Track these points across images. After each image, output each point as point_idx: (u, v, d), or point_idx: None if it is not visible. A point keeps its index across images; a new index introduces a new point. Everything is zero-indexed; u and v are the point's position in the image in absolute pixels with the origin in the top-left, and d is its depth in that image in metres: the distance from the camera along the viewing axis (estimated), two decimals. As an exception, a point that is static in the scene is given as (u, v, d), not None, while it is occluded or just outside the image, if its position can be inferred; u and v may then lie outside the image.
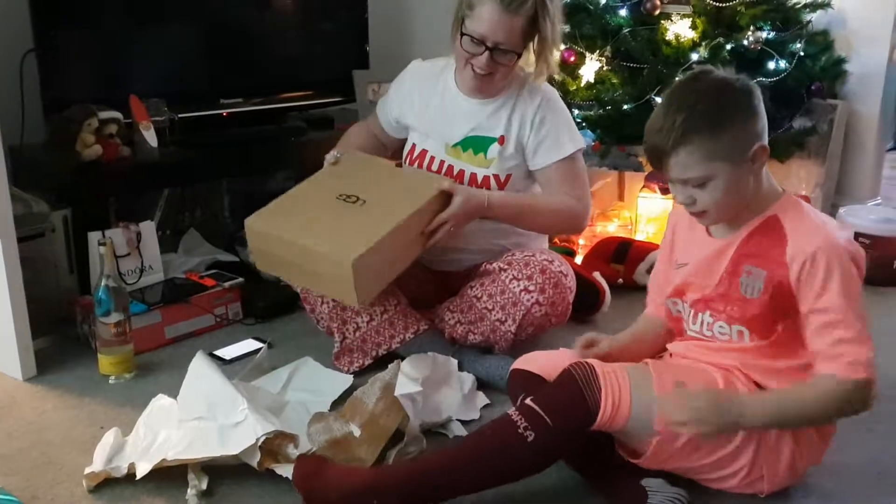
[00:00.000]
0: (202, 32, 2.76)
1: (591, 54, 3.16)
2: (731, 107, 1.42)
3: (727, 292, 1.50)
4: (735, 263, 1.49)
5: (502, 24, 1.89)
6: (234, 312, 2.41)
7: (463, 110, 2.08)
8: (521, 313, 1.97)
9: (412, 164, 2.14)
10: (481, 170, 2.07)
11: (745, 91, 1.45)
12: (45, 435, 1.81)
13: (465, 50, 1.95)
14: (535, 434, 1.43)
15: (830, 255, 1.40)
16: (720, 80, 1.45)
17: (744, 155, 1.43)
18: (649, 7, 3.04)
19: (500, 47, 1.92)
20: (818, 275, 1.40)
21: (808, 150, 3.21)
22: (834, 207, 3.20)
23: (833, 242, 1.42)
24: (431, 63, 2.18)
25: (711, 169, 1.42)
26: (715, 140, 1.40)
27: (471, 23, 1.92)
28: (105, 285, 2.01)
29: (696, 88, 1.44)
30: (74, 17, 2.43)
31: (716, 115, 1.41)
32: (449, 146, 2.09)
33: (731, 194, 1.45)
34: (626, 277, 2.68)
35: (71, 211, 2.31)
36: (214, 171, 2.73)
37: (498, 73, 1.98)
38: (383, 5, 3.22)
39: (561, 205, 2.05)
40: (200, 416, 1.63)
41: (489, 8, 1.89)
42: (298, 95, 3.02)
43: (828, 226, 1.46)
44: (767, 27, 3.04)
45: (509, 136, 2.05)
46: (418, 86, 2.15)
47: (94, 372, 2.07)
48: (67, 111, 2.33)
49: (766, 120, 1.47)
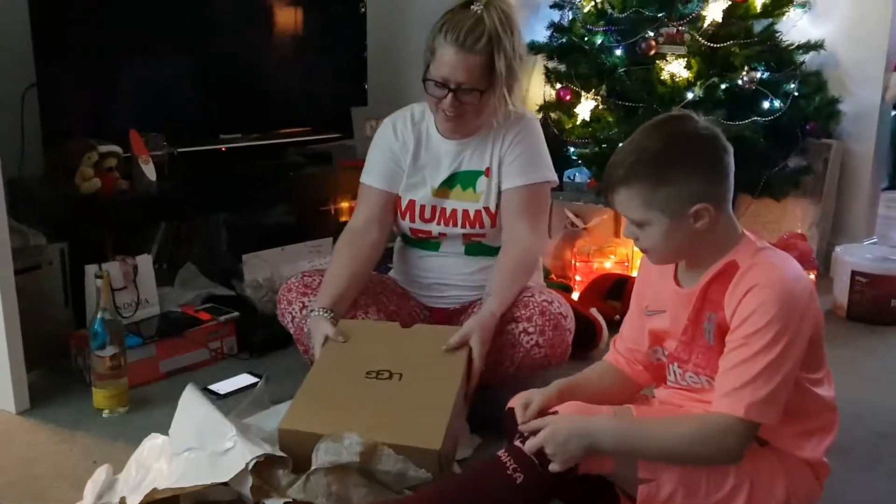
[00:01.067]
0: (202, 68, 2.79)
1: (587, 93, 3.20)
2: (681, 162, 1.39)
3: (691, 341, 1.49)
4: (697, 311, 1.47)
5: (460, 64, 1.90)
6: (230, 347, 2.40)
7: (445, 151, 2.09)
8: (520, 355, 1.95)
9: (403, 218, 2.12)
10: (472, 205, 2.07)
11: (708, 149, 1.41)
12: (37, 469, 1.79)
13: (430, 94, 1.97)
14: (523, 476, 1.40)
15: (769, 291, 1.36)
16: (685, 132, 1.42)
17: (682, 211, 1.40)
18: (644, 48, 3.08)
19: (463, 87, 1.93)
20: (748, 308, 1.37)
21: (804, 189, 3.23)
22: (830, 246, 3.21)
23: (778, 280, 1.38)
24: (404, 113, 2.15)
25: (648, 216, 1.42)
26: (652, 190, 1.39)
27: (433, 67, 1.94)
28: (101, 318, 2.01)
29: (659, 133, 1.43)
30: (76, 52, 2.45)
31: (662, 166, 1.39)
32: (434, 188, 2.09)
33: (669, 243, 1.44)
34: (623, 313, 2.65)
35: (68, 244, 2.31)
36: (212, 206, 2.74)
37: (468, 113, 1.98)
38: (382, 43, 3.26)
39: (527, 255, 2.03)
40: (190, 446, 1.62)
41: (447, 50, 1.90)
42: (297, 131, 3.04)
43: (781, 266, 1.42)
44: (762, 67, 3.08)
45: (493, 165, 2.06)
46: (405, 133, 2.12)
47: (87, 406, 2.06)
48: (67, 144, 2.34)
49: (728, 181, 1.42)
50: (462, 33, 1.88)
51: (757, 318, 1.36)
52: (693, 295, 1.48)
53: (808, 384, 1.45)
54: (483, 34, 1.89)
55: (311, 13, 3.02)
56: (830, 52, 3.21)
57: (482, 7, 1.91)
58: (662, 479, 1.41)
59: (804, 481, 1.49)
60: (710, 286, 1.46)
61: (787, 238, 2.93)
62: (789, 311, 1.36)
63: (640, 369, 1.65)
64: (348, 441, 1.60)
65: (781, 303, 1.36)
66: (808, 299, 1.40)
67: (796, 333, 1.37)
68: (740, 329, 1.38)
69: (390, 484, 1.60)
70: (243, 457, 1.55)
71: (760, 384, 1.35)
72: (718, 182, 1.42)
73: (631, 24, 3.13)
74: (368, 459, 1.59)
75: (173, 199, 2.57)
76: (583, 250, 3.00)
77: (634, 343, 1.64)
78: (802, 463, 1.47)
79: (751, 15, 3.12)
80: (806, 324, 1.39)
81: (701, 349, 1.48)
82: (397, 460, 1.60)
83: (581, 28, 3.26)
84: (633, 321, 1.66)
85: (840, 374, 1.57)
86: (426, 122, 2.11)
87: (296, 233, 2.83)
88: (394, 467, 1.59)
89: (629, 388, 1.66)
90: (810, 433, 1.47)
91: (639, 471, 1.41)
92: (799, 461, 1.47)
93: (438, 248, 2.12)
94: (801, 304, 1.39)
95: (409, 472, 1.59)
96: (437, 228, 2.09)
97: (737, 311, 1.39)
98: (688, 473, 1.41)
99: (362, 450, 1.59)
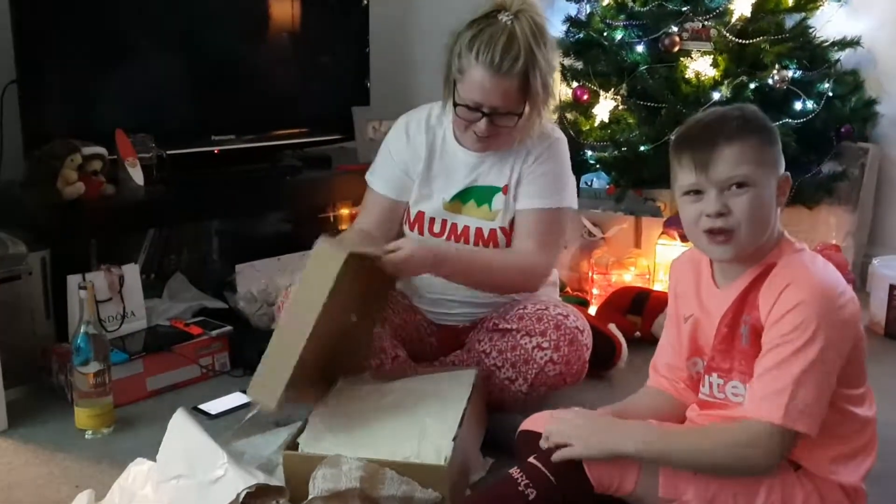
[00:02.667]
0: (193, 64, 2.80)
1: (606, 93, 3.20)
2: (774, 130, 1.49)
3: (730, 347, 1.50)
4: (734, 314, 1.49)
5: (496, 88, 1.88)
6: (221, 363, 2.41)
7: (461, 161, 2.08)
8: (534, 372, 1.96)
9: (412, 229, 2.13)
10: (487, 223, 2.07)
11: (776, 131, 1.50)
12: (15, 493, 1.79)
13: (461, 118, 1.96)
14: (536, 492, 1.43)
15: (806, 289, 1.39)
16: (759, 113, 1.50)
17: (779, 176, 1.47)
18: (668, 44, 3.08)
19: (499, 111, 1.92)
20: (785, 306, 1.39)
21: (839, 197, 3.23)
22: (867, 258, 3.21)
23: (818, 280, 1.41)
24: (420, 115, 2.14)
25: (757, 174, 1.43)
26: (767, 147, 1.45)
27: (463, 89, 1.91)
28: (84, 332, 2.02)
29: (739, 110, 1.50)
30: (59, 47, 2.47)
31: (767, 127, 1.47)
32: (446, 201, 2.10)
33: (761, 214, 1.45)
34: (644, 330, 2.69)
35: (49, 252, 2.32)
36: (203, 212, 2.75)
37: (503, 135, 1.98)
38: (385, 39, 3.27)
39: (520, 261, 2.03)
40: (179, 474, 1.62)
41: (480, 73, 1.87)
42: (294, 132, 3.05)
43: (820, 267, 1.45)
44: (793, 66, 3.08)
45: (511, 183, 2.06)
46: (418, 140, 2.12)
47: (70, 425, 2.07)
48: (49, 146, 2.35)
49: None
50: (497, 54, 1.85)
51: (794, 316, 1.38)
52: (731, 296, 1.50)
53: (846, 402, 1.46)
54: (519, 54, 1.86)
55: (310, 6, 3.03)
56: (868, 50, 3.22)
57: (512, 17, 1.88)
58: (686, 500, 1.42)
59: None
60: (750, 288, 1.48)
61: (820, 249, 2.92)
62: (828, 311, 1.38)
63: (683, 387, 1.66)
64: (347, 466, 1.61)
65: (819, 302, 1.38)
66: (848, 303, 1.42)
67: (836, 337, 1.39)
68: (776, 328, 1.39)
69: None
70: (234, 486, 1.55)
71: (799, 388, 1.36)
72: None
73: (653, 18, 3.14)
74: (370, 485, 1.60)
75: (162, 205, 2.58)
76: (601, 262, 3.00)
77: (674, 359, 1.65)
78: (838, 488, 1.48)
79: (782, 9, 3.12)
80: (847, 330, 1.41)
81: (741, 354, 1.48)
82: (402, 482, 1.61)
83: (600, 23, 3.27)
84: (671, 333, 1.68)
85: (877, 395, 1.58)
86: (443, 127, 2.10)
87: (292, 241, 2.83)
88: (398, 490, 1.60)
89: (678, 410, 1.66)
90: (848, 456, 1.48)
91: (660, 490, 1.42)
92: (834, 486, 1.47)
93: None
94: (841, 305, 1.41)
95: (415, 494, 1.60)
96: (447, 244, 2.09)
97: (772, 310, 1.41)
98: (712, 493, 1.43)
99: (363, 474, 1.60)
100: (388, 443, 1.71)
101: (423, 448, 1.68)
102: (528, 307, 2.02)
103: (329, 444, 1.71)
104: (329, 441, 1.73)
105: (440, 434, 1.71)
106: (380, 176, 2.15)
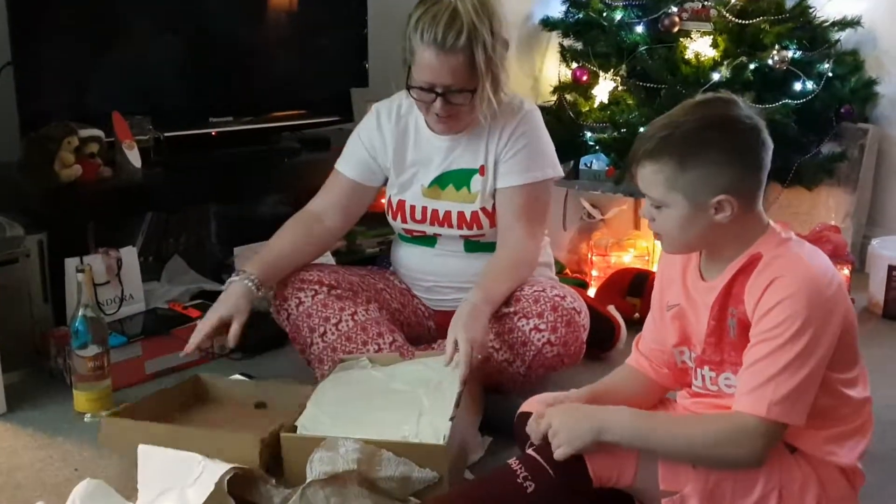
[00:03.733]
0: (190, 46, 2.78)
1: (605, 73, 3.19)
2: (715, 147, 1.41)
3: (720, 340, 1.50)
4: (721, 307, 1.48)
5: (443, 66, 1.88)
6: (221, 346, 2.41)
7: (435, 147, 2.08)
8: (532, 354, 1.96)
9: (395, 219, 2.13)
10: (467, 206, 2.06)
11: (746, 139, 1.43)
12: (15, 476, 1.80)
13: (418, 100, 1.96)
14: (535, 485, 1.42)
15: (792, 283, 1.37)
16: (726, 117, 1.43)
17: (705, 200, 1.41)
18: (667, 24, 3.07)
19: (451, 89, 1.92)
20: (770, 301, 1.38)
21: (838, 178, 3.22)
22: (866, 239, 3.20)
23: (803, 272, 1.39)
24: (391, 105, 2.14)
25: (669, 197, 1.43)
26: (678, 170, 1.41)
27: (416, 71, 1.92)
28: (82, 315, 2.01)
29: (699, 112, 1.44)
30: (55, 27, 2.45)
31: (694, 146, 1.40)
32: (425, 188, 2.09)
33: (685, 232, 1.46)
34: (643, 311, 2.66)
35: (47, 235, 2.32)
36: (202, 195, 2.74)
37: (462, 112, 1.97)
38: (384, 20, 3.25)
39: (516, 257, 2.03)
40: (164, 488, 1.63)
41: (426, 53, 1.88)
42: (292, 114, 3.03)
43: (806, 257, 1.43)
44: (793, 46, 3.06)
45: (488, 163, 2.05)
46: (387, 129, 2.12)
47: (68, 409, 2.07)
48: (45, 128, 2.34)
49: (760, 177, 1.44)
50: (439, 32, 1.85)
51: (779, 311, 1.37)
52: (716, 289, 1.49)
53: (840, 385, 1.46)
54: (462, 29, 1.85)
55: (308, -14, 3.02)
56: (868, 30, 3.20)
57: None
58: (686, 492, 1.42)
59: (837, 490, 1.49)
60: (734, 280, 1.46)
61: (819, 230, 2.92)
62: (815, 304, 1.37)
63: (665, 372, 1.65)
64: (344, 449, 1.61)
65: (806, 295, 1.37)
66: (835, 292, 1.41)
67: (823, 328, 1.38)
68: (762, 323, 1.39)
69: (394, 491, 1.61)
70: (212, 478, 1.56)
71: (783, 381, 1.36)
72: (750, 176, 1.43)
73: (653, -2, 3.12)
74: (368, 466, 1.60)
75: (160, 188, 2.57)
76: (600, 243, 3.00)
77: (658, 343, 1.65)
78: (835, 470, 1.48)
79: (782, -11, 3.11)
80: (834, 319, 1.40)
81: (730, 347, 1.48)
82: (399, 463, 1.61)
83: (599, 3, 3.24)
84: (656, 318, 1.67)
85: (875, 376, 1.57)
86: (414, 116, 2.09)
87: (291, 224, 2.83)
88: (396, 471, 1.61)
89: (655, 392, 1.67)
90: (843, 437, 1.48)
91: (660, 482, 1.42)
92: (832, 468, 1.47)
93: (435, 245, 2.13)
94: (828, 296, 1.40)
95: (413, 475, 1.61)
96: (432, 229, 2.09)
97: (758, 305, 1.40)
98: (712, 484, 1.42)
99: (360, 456, 1.60)
100: (387, 424, 1.71)
101: (421, 428, 1.68)
102: (524, 289, 2.02)
103: (327, 428, 1.71)
104: (327, 424, 1.73)
105: (438, 414, 1.71)
106: (346, 159, 2.16)
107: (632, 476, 1.44)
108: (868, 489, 1.57)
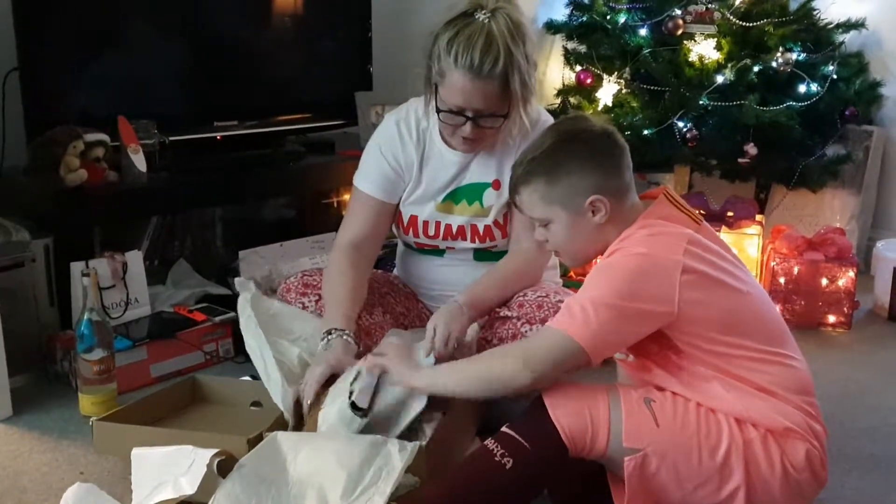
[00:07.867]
0: (195, 50, 2.78)
1: (609, 76, 3.19)
2: (573, 157, 1.56)
3: None
4: None
5: (477, 91, 1.83)
6: (225, 349, 2.41)
7: (449, 161, 2.04)
8: None
9: (406, 233, 2.09)
10: (480, 220, 2.04)
11: (599, 145, 1.57)
12: (21, 480, 1.80)
13: (446, 123, 1.92)
14: (513, 461, 1.44)
15: (613, 260, 1.50)
16: (577, 129, 1.59)
17: (579, 204, 1.54)
18: (671, 27, 3.06)
19: (483, 114, 1.88)
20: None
21: (843, 180, 3.22)
22: (871, 241, 3.20)
23: (626, 255, 1.49)
24: (408, 116, 2.07)
25: (548, 212, 1.57)
26: (549, 185, 1.56)
27: (445, 93, 1.87)
28: (88, 319, 2.01)
29: (553, 132, 1.62)
30: (61, 33, 2.45)
31: (556, 161, 1.56)
32: (438, 203, 2.07)
33: (574, 240, 1.59)
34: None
35: (53, 239, 2.32)
36: (206, 198, 2.74)
37: (488, 135, 1.94)
38: (387, 23, 3.25)
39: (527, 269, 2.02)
40: (158, 482, 1.62)
41: (460, 77, 1.82)
42: (297, 118, 3.04)
43: (637, 242, 1.50)
44: (798, 48, 3.06)
45: (503, 177, 2.01)
46: (409, 144, 2.05)
47: (74, 413, 2.07)
48: (51, 133, 2.34)
49: (623, 175, 1.57)
50: (476, 57, 1.79)
51: (595, 268, 1.54)
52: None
53: (725, 347, 1.48)
54: (499, 55, 1.80)
55: (312, -10, 3.02)
56: (872, 32, 3.20)
57: (489, 16, 1.82)
58: (649, 450, 1.44)
59: (796, 454, 1.47)
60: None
61: (824, 232, 2.90)
62: (632, 273, 1.47)
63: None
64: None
65: (623, 262, 1.48)
66: (663, 268, 1.46)
67: (637, 291, 1.45)
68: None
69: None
70: (203, 462, 1.58)
71: (588, 310, 1.45)
72: (613, 176, 1.57)
73: (657, 1, 3.12)
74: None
75: (165, 192, 2.57)
76: (604, 246, 2.99)
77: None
78: (788, 431, 1.47)
79: (786, -9, 3.11)
80: (660, 290, 1.45)
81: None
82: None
83: (603, 6, 3.25)
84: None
85: (882, 381, 1.57)
86: (429, 130, 2.05)
87: (296, 227, 2.83)
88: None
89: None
90: (751, 396, 1.48)
91: (623, 439, 1.45)
92: (783, 429, 1.47)
93: (444, 255, 2.11)
94: (647, 270, 1.47)
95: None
96: (444, 243, 2.08)
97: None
98: (677, 441, 1.44)
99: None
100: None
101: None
102: (528, 294, 2.01)
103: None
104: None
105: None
106: (368, 177, 2.06)
107: (605, 442, 1.44)
108: (876, 492, 1.57)
